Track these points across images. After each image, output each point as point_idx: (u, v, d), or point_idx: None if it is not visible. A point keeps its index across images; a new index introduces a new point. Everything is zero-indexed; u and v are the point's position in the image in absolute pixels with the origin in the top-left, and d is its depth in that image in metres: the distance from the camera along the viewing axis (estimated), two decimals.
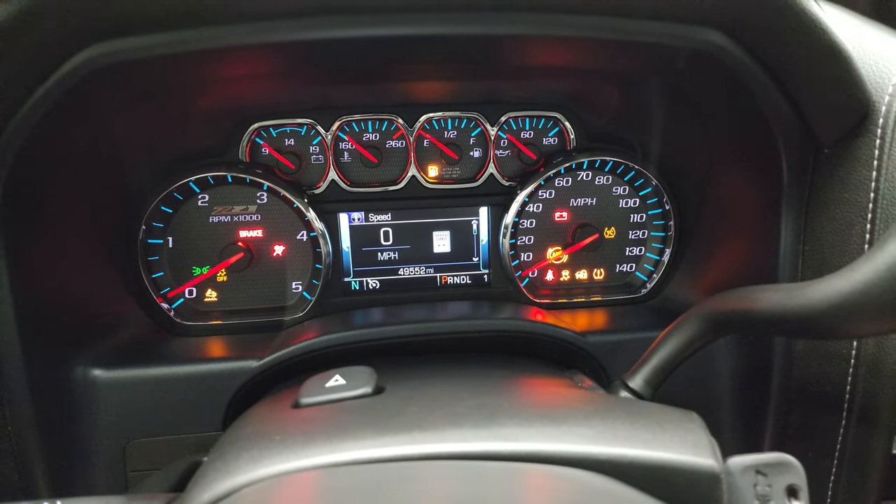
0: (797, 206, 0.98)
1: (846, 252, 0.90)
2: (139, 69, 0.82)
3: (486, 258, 1.38)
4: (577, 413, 0.69)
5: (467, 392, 0.76)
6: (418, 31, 0.82)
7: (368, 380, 0.79)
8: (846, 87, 0.84)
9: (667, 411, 0.71)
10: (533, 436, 0.64)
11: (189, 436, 1.04)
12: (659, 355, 0.86)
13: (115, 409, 1.02)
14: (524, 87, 1.25)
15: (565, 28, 0.80)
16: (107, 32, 0.76)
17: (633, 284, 1.39)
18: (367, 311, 1.27)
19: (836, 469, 0.94)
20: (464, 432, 0.64)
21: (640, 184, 1.34)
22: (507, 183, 1.34)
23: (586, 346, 1.13)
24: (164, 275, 1.24)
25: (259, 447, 0.66)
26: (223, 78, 1.00)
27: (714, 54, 0.83)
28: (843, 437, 0.92)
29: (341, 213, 1.32)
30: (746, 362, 1.10)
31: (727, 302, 0.80)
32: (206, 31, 0.78)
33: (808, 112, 0.89)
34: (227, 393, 1.05)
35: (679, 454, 0.62)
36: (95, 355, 1.03)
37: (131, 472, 1.03)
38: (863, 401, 0.90)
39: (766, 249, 1.02)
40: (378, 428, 0.66)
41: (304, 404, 0.77)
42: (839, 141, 0.91)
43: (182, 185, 1.21)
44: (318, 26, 0.80)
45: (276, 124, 1.27)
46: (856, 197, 0.89)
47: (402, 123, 1.30)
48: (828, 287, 0.66)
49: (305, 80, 1.11)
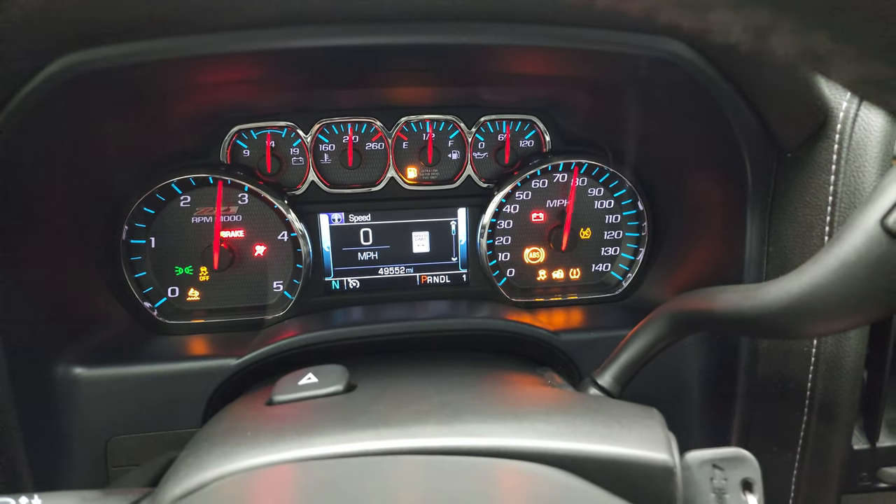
0: (762, 208, 1.01)
1: (807, 253, 0.92)
2: (116, 77, 0.84)
3: (464, 258, 1.40)
4: (539, 410, 0.71)
5: (435, 390, 0.78)
6: (393, 41, 0.84)
7: (340, 378, 0.81)
8: (805, 95, 0.86)
9: (628, 408, 0.73)
10: (493, 431, 0.66)
11: (170, 432, 1.06)
12: (627, 353, 0.89)
13: (96, 407, 1.03)
14: (500, 93, 1.27)
15: (531, 38, 0.83)
16: (81, 42, 0.77)
17: (608, 284, 1.41)
18: (346, 310, 1.29)
19: (798, 462, 0.97)
20: (427, 428, 0.67)
21: (614, 185, 1.36)
22: (484, 184, 1.36)
23: (559, 344, 1.15)
24: (146, 275, 1.26)
25: (231, 443, 0.68)
26: (202, 84, 1.01)
27: (675, 63, 0.86)
28: (804, 431, 0.95)
29: (321, 214, 1.33)
30: (714, 360, 1.13)
31: (690, 302, 0.83)
32: (182, 40, 0.79)
33: (770, 119, 0.92)
34: (207, 390, 1.06)
35: (634, 449, 0.64)
36: (77, 354, 1.05)
37: (113, 467, 1.04)
38: (823, 397, 0.92)
39: (733, 250, 1.05)
40: (346, 424, 0.68)
41: (278, 401, 0.79)
42: (800, 146, 0.93)
43: (164, 186, 1.22)
44: (294, 36, 0.81)
45: (257, 127, 1.28)
46: (815, 200, 0.91)
47: (380, 126, 1.31)
48: (779, 289, 0.69)
49: (284, 85, 1.13)
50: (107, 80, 0.85)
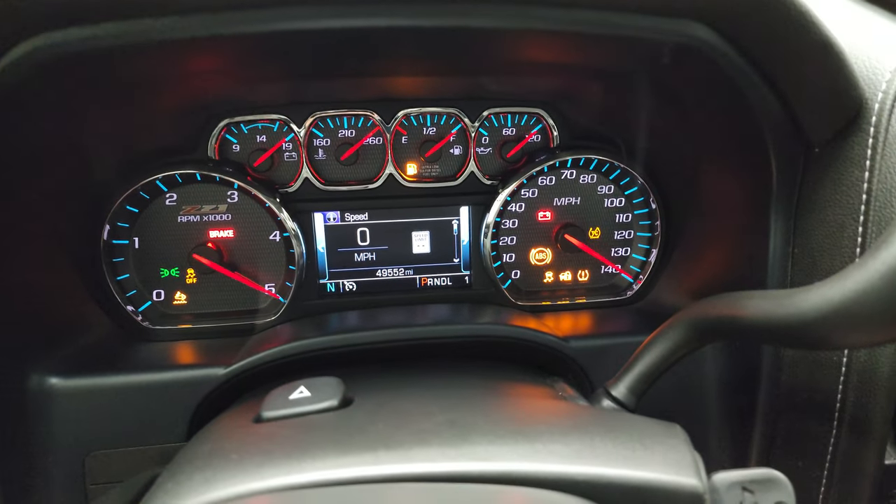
0: (787, 207, 0.95)
1: (837, 255, 0.87)
2: (91, 63, 0.77)
3: (467, 259, 1.34)
4: (554, 429, 0.66)
5: (438, 406, 0.72)
6: (393, 23, 0.77)
7: (335, 392, 0.75)
8: (838, 83, 0.81)
9: (649, 425, 0.69)
10: (505, 454, 0.60)
11: (152, 447, 1.00)
12: (643, 363, 0.84)
13: (73, 420, 0.97)
14: (506, 83, 1.21)
15: (547, 22, 0.76)
16: (55, 21, 0.71)
17: (618, 286, 1.36)
18: (341, 315, 1.23)
19: (826, 480, 0.92)
20: (431, 451, 0.61)
21: (625, 182, 1.31)
22: (488, 182, 1.30)
23: (569, 351, 1.09)
24: (129, 277, 1.19)
25: (213, 467, 0.62)
26: (187, 72, 0.95)
27: (700, 49, 0.80)
28: (833, 446, 0.90)
29: (316, 213, 1.27)
30: (734, 368, 1.07)
31: (714, 308, 0.78)
32: (162, 21, 0.73)
33: (799, 110, 0.86)
34: (193, 402, 1.00)
35: (660, 473, 0.59)
36: (53, 362, 0.99)
37: (91, 485, 0.99)
38: (854, 410, 0.87)
39: (755, 252, 0.99)
40: (340, 446, 0.62)
41: (266, 418, 0.73)
42: (830, 140, 0.88)
43: (148, 184, 1.16)
44: (286, 17, 0.75)
45: (247, 120, 1.22)
46: (847, 198, 0.86)
47: (378, 119, 1.25)
48: (818, 296, 0.63)
49: (276, 74, 1.06)
50: (81, 67, 0.79)
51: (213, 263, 1.19)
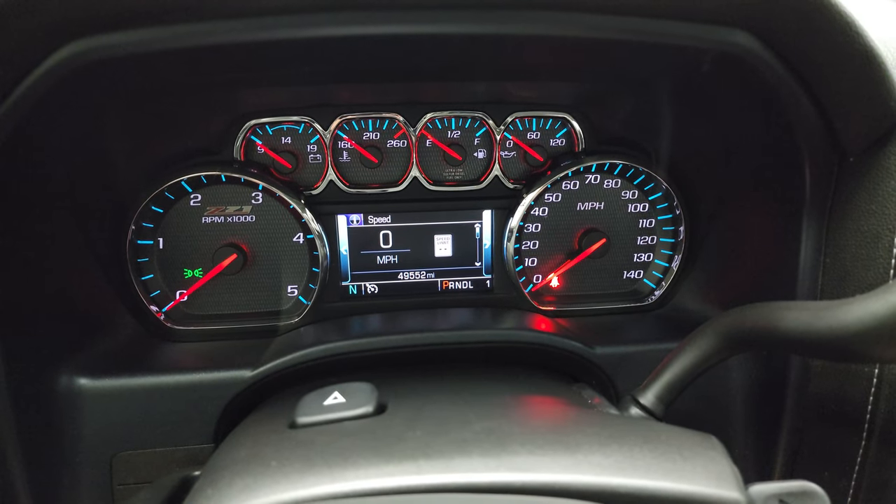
0: (819, 215, 0.94)
1: (871, 266, 0.86)
2: (127, 66, 0.77)
3: (489, 263, 1.33)
4: (592, 439, 0.65)
5: (473, 413, 0.72)
6: (428, 30, 0.77)
7: (369, 398, 0.75)
8: (878, 93, 0.80)
9: (686, 436, 0.68)
10: (547, 465, 0.60)
11: (179, 448, 1.00)
12: (672, 371, 0.83)
13: (101, 420, 0.98)
14: (534, 88, 1.20)
15: (587, 29, 0.76)
16: (95, 26, 0.71)
17: (640, 292, 1.35)
18: (364, 319, 1.22)
19: (853, 492, 0.90)
20: (472, 461, 0.60)
21: (649, 188, 1.30)
22: (512, 185, 1.29)
23: (594, 358, 1.08)
24: (153, 277, 1.19)
25: (253, 473, 0.62)
26: (217, 76, 0.94)
27: (742, 57, 0.79)
28: (862, 458, 0.89)
29: (339, 215, 1.27)
30: (760, 377, 1.06)
31: (748, 318, 0.76)
32: (202, 26, 0.73)
33: (836, 119, 0.85)
34: (219, 404, 1.00)
35: (702, 486, 0.59)
36: (81, 363, 0.99)
37: (118, 485, 0.99)
38: (885, 422, 0.86)
39: (785, 261, 0.98)
40: (381, 455, 0.62)
41: (301, 424, 0.73)
42: (866, 149, 0.87)
43: (174, 185, 1.16)
44: (320, 23, 0.75)
45: (273, 122, 1.21)
46: (883, 209, 0.84)
47: (403, 122, 1.25)
48: (860, 309, 0.62)
49: (304, 78, 1.06)
50: (116, 70, 0.79)
51: (237, 265, 1.19)
